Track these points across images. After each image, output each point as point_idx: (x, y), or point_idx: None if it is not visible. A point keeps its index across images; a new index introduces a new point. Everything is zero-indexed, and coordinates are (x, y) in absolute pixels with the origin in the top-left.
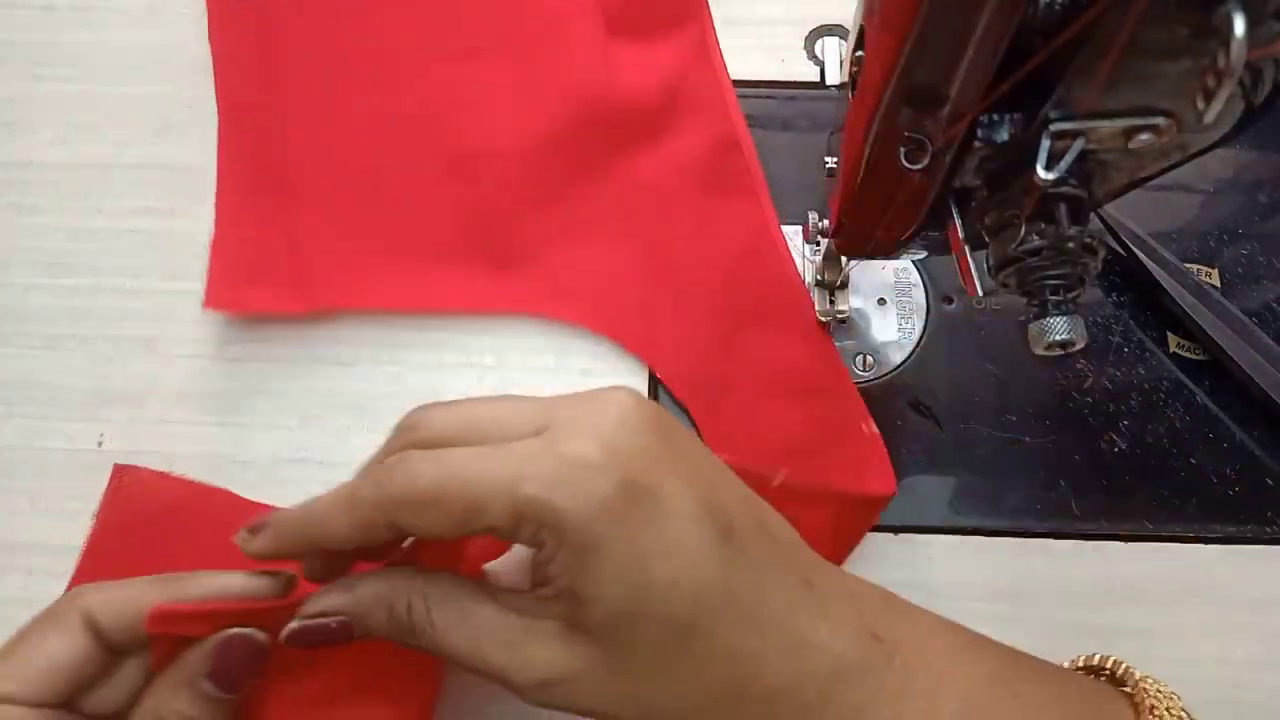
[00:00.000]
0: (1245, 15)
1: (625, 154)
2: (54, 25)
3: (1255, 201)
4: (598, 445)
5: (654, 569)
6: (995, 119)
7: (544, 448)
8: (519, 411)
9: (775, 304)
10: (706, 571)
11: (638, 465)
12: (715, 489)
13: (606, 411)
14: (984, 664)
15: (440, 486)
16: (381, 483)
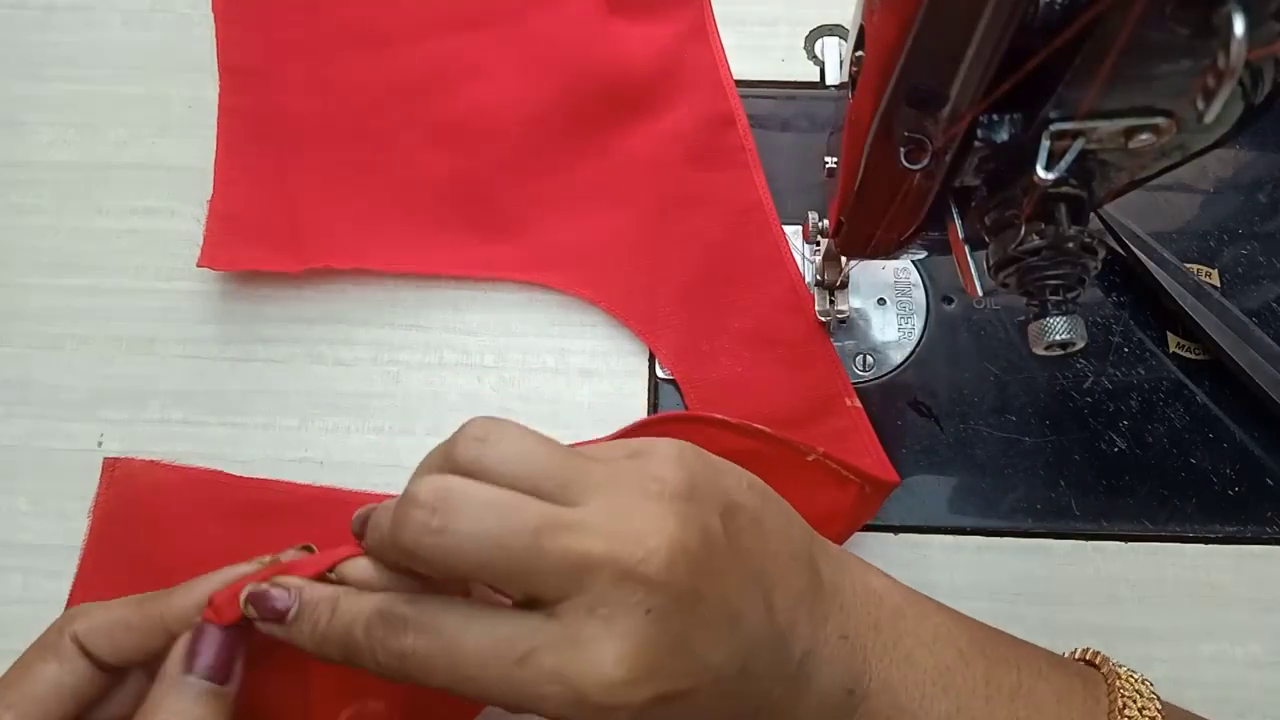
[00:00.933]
0: (1245, 15)
1: (619, 126)
2: (54, 25)
3: (1255, 201)
4: (620, 672)
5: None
6: (995, 119)
7: (563, 665)
8: (550, 566)
9: (764, 276)
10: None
11: (662, 676)
12: (740, 622)
13: (640, 586)
14: (950, 699)
15: (456, 684)
16: (389, 665)
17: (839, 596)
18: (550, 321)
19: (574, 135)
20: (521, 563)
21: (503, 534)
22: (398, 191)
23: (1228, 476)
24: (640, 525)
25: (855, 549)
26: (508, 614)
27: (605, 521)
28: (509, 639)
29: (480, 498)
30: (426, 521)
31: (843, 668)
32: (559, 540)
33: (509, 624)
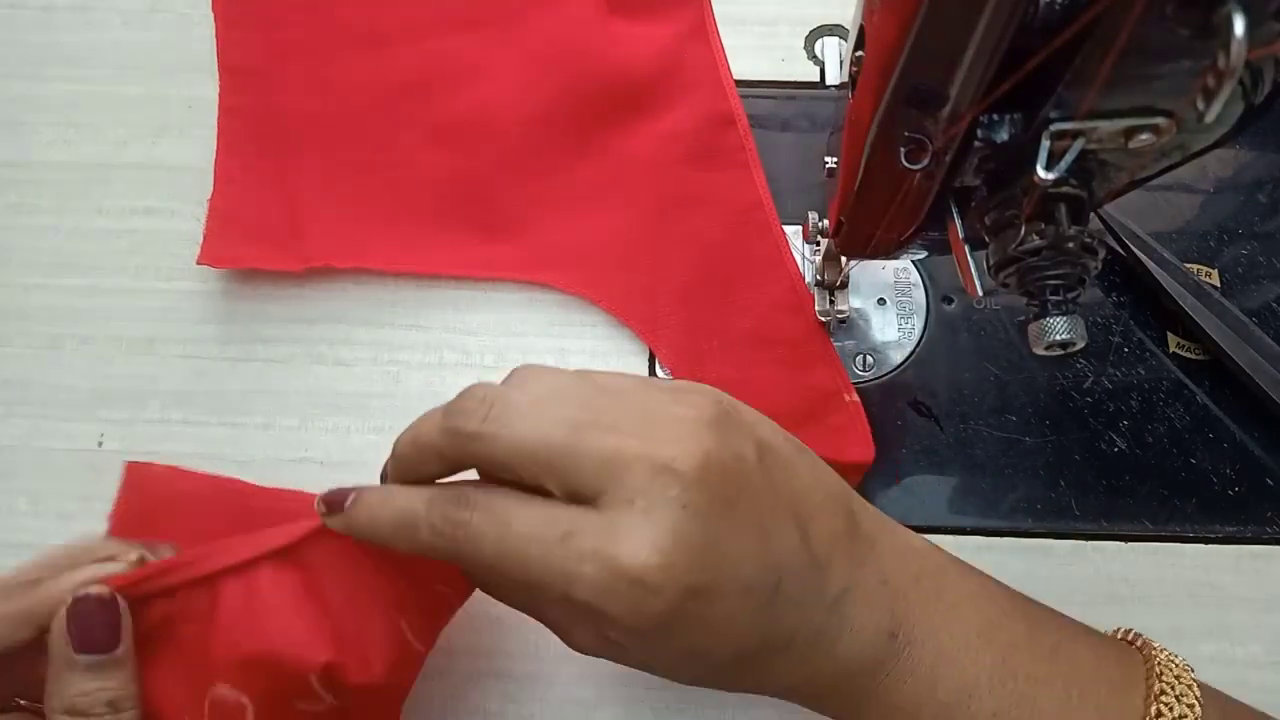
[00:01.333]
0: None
1: (619, 126)
2: (54, 25)
3: (1255, 201)
4: (656, 557)
5: (697, 652)
6: (995, 119)
7: (601, 545)
8: (587, 455)
9: (764, 276)
10: (748, 640)
11: (696, 568)
12: (771, 538)
13: (675, 481)
14: (994, 651)
15: (499, 558)
16: (444, 533)
17: (877, 545)
18: (550, 321)
19: (574, 135)
20: (562, 454)
21: (547, 427)
22: (398, 191)
23: (1228, 476)
24: (674, 435)
25: None
26: (554, 503)
27: (640, 428)
28: (554, 521)
29: (526, 399)
30: (482, 414)
31: (884, 611)
32: (599, 438)
33: (555, 509)
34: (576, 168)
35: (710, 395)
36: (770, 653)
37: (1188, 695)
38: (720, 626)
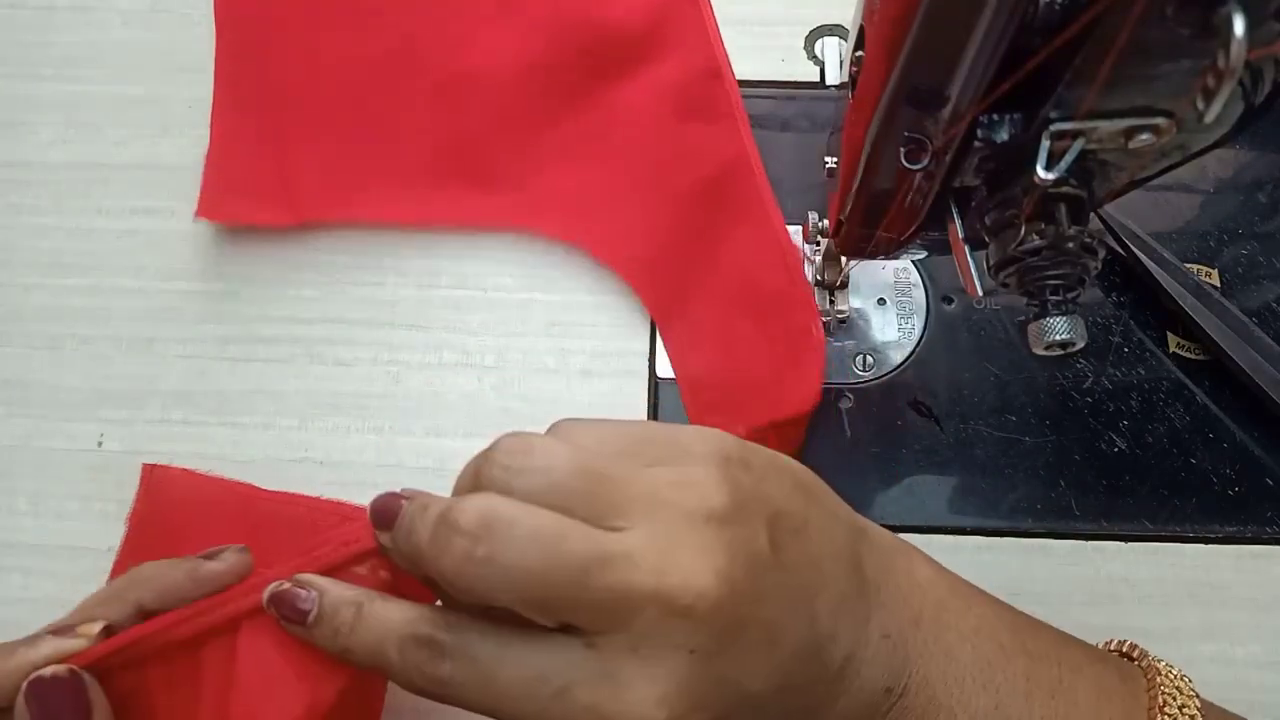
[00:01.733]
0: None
1: (606, 79)
2: (54, 25)
3: (1255, 201)
4: (661, 714)
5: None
6: (995, 119)
7: (600, 701)
8: (593, 601)
9: (748, 224)
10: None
11: (702, 709)
12: (780, 643)
13: (684, 625)
14: (989, 695)
15: (488, 711)
16: (424, 687)
17: (881, 593)
18: (550, 322)
19: (563, 89)
20: (565, 597)
21: (549, 568)
22: (389, 145)
23: (1228, 476)
24: (687, 560)
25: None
26: (543, 642)
27: (650, 554)
28: (545, 673)
29: (525, 527)
30: (470, 551)
31: (884, 667)
32: (605, 576)
33: (545, 655)
34: (566, 120)
35: (717, 470)
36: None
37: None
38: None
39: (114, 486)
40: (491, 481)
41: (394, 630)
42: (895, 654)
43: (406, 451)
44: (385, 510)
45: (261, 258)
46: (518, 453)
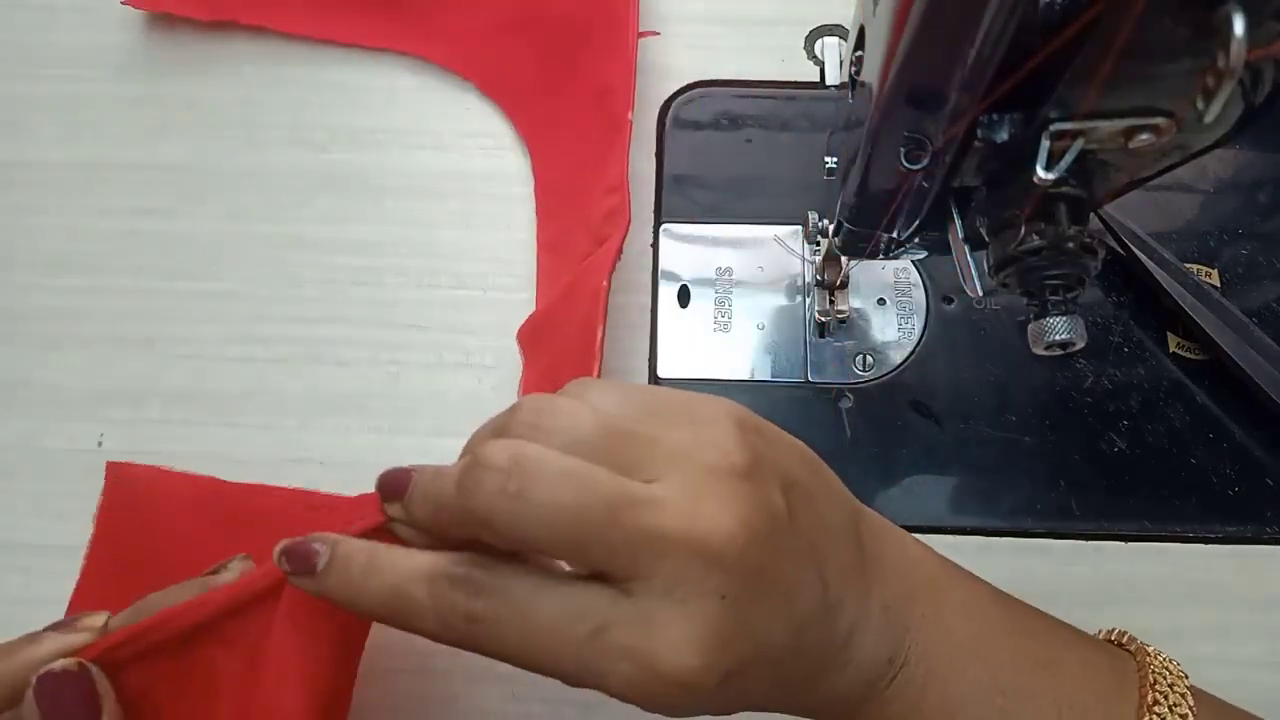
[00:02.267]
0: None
1: None
2: (54, 25)
3: (1255, 201)
4: (697, 659)
5: (718, 710)
6: (995, 119)
7: (637, 643)
8: (625, 540)
9: (607, 50)
10: (766, 692)
11: (732, 656)
12: (797, 598)
13: (715, 568)
14: (983, 666)
15: (522, 654)
16: (454, 625)
17: (881, 567)
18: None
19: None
20: (597, 537)
21: (580, 505)
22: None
23: (1228, 476)
24: (714, 508)
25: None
26: (579, 586)
27: (679, 500)
28: (582, 613)
29: (557, 466)
30: (503, 486)
31: (885, 638)
32: (636, 516)
33: (581, 597)
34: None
35: (736, 432)
36: (782, 695)
37: (1181, 705)
38: (749, 690)
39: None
40: (524, 424)
41: (420, 570)
42: (895, 626)
43: (406, 451)
44: (394, 481)
45: (261, 257)
46: (544, 411)
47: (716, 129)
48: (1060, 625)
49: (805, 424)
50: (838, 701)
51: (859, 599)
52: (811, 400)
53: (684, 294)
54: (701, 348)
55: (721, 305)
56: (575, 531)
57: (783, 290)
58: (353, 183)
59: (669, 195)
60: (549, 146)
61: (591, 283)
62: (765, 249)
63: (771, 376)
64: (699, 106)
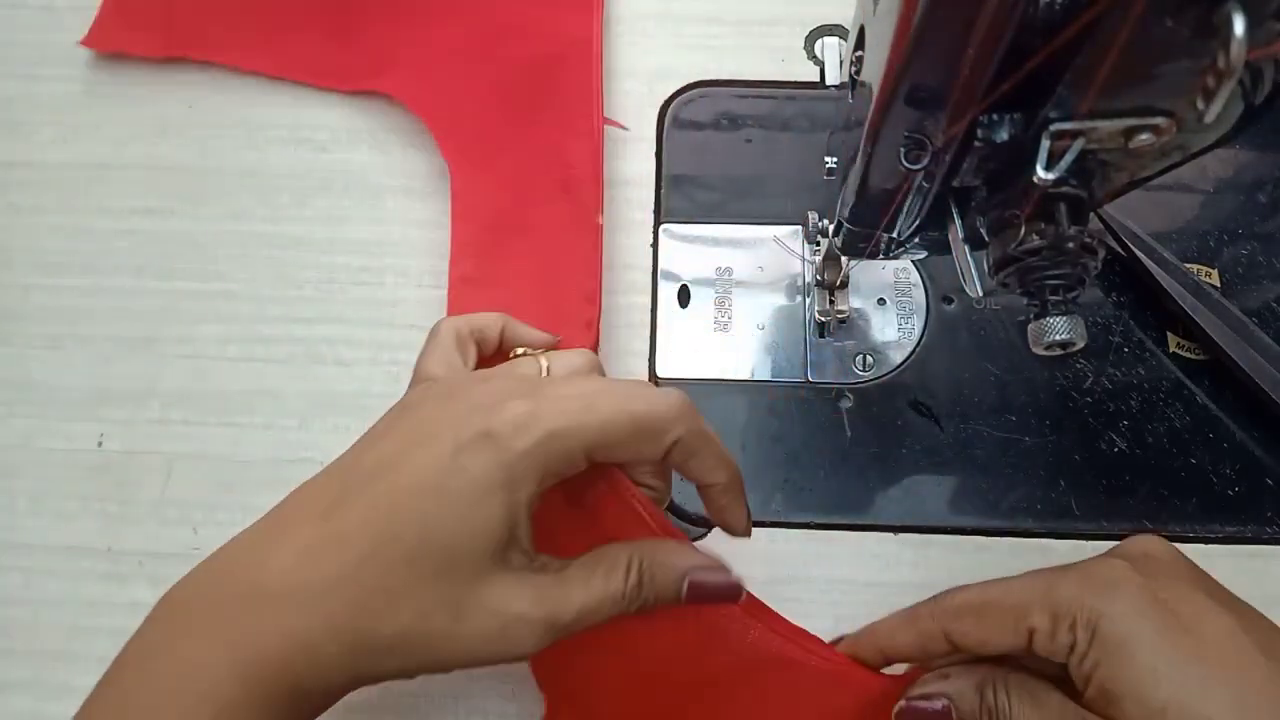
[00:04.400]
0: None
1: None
2: (54, 25)
3: (1255, 201)
4: (1122, 562)
5: (1187, 670)
6: (995, 119)
7: (1070, 568)
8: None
9: (568, 104)
10: (1251, 680)
11: (1165, 585)
12: (1251, 621)
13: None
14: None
15: (986, 599)
16: (938, 600)
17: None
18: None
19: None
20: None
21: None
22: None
23: (1228, 476)
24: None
25: (856, 546)
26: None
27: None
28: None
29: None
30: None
31: None
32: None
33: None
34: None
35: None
36: None
37: None
38: (1210, 654)
39: (114, 486)
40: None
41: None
42: None
43: None
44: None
45: (261, 257)
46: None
47: (716, 129)
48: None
49: (805, 424)
50: None
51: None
52: (811, 400)
53: (684, 294)
54: (701, 348)
55: (721, 305)
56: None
57: (783, 290)
58: (353, 183)
59: (669, 195)
60: (478, 187)
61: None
62: (765, 249)
63: (771, 376)
64: (699, 106)
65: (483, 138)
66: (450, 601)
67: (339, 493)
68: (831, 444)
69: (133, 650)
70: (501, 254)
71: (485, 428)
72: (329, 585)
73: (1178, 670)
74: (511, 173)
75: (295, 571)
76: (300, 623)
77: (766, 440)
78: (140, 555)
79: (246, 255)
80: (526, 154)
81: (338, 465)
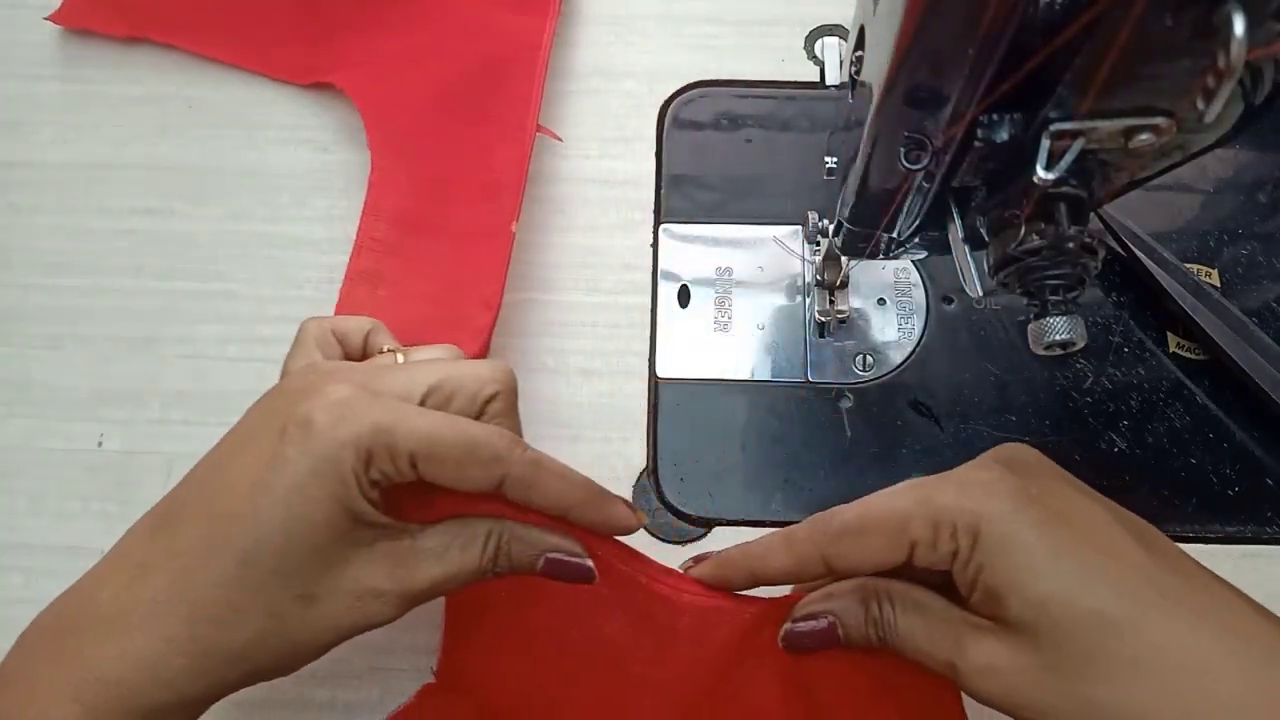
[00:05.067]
0: (1245, 15)
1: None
2: (54, 25)
3: (1255, 201)
4: (995, 466)
5: (1067, 561)
6: (995, 119)
7: (945, 477)
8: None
9: (502, 109)
10: (1128, 564)
11: (1036, 483)
12: (1120, 512)
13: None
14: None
15: (865, 517)
16: (815, 523)
17: None
18: (550, 321)
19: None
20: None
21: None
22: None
23: (1228, 476)
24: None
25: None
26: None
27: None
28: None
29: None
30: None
31: None
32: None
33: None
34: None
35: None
36: None
37: None
38: (1085, 541)
39: (114, 486)
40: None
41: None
42: None
43: None
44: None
45: (261, 257)
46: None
47: (716, 129)
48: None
49: (805, 424)
50: None
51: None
52: (811, 400)
53: (684, 294)
54: (701, 348)
55: (721, 305)
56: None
57: (783, 290)
58: (353, 183)
59: (669, 195)
60: (396, 183)
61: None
62: (765, 249)
63: (771, 376)
64: (699, 106)
65: (414, 134)
66: (297, 594)
67: (169, 506)
68: (831, 444)
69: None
70: (406, 253)
71: (305, 415)
72: (161, 600)
73: (1057, 562)
74: (435, 172)
75: (127, 591)
76: (137, 641)
77: (766, 440)
78: None
79: (246, 255)
80: (454, 154)
81: (180, 483)
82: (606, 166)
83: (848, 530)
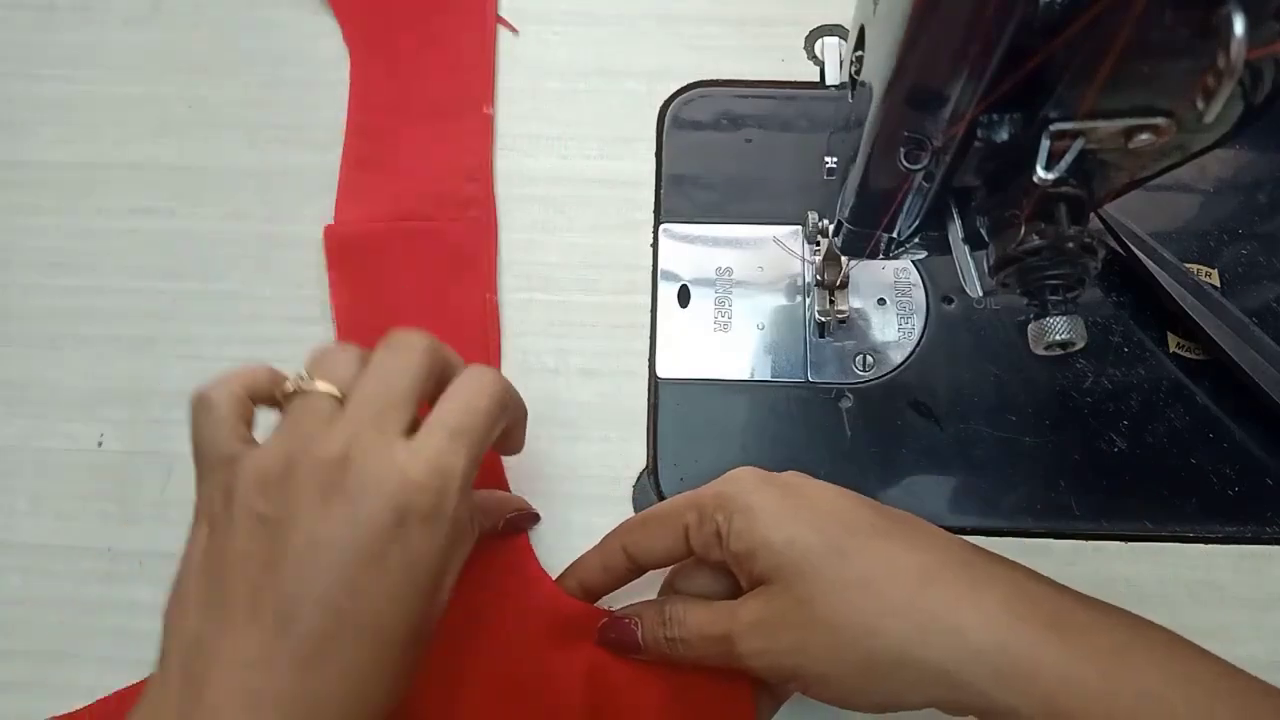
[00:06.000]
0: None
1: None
2: (54, 25)
3: (1255, 201)
4: (746, 469)
5: (803, 513)
6: (995, 119)
7: (712, 485)
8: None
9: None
10: (853, 514)
11: (778, 477)
12: (851, 493)
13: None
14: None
15: (649, 511)
16: (620, 524)
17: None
18: (550, 321)
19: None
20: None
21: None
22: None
23: (1228, 476)
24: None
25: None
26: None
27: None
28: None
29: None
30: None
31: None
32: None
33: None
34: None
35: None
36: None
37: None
38: (817, 504)
39: (114, 486)
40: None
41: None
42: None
43: None
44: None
45: (261, 257)
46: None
47: (716, 129)
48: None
49: (805, 424)
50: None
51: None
52: (811, 400)
53: (684, 294)
54: (701, 348)
55: (721, 305)
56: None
57: (783, 290)
58: None
59: (669, 195)
60: (374, 72)
61: (473, 297)
62: (765, 249)
63: (771, 376)
64: (699, 106)
65: (385, 23)
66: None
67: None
68: (831, 444)
69: None
70: (391, 135)
71: (430, 507)
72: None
73: (795, 514)
74: (407, 58)
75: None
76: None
77: (766, 440)
78: (140, 555)
79: (246, 255)
80: (423, 41)
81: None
82: (606, 166)
83: (637, 522)
